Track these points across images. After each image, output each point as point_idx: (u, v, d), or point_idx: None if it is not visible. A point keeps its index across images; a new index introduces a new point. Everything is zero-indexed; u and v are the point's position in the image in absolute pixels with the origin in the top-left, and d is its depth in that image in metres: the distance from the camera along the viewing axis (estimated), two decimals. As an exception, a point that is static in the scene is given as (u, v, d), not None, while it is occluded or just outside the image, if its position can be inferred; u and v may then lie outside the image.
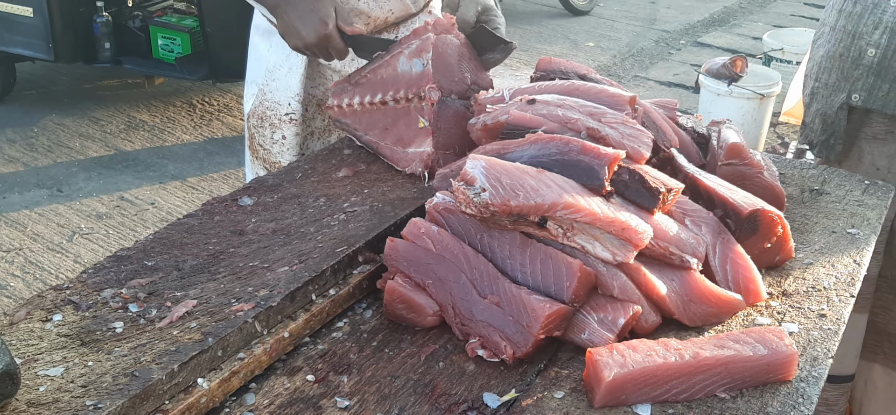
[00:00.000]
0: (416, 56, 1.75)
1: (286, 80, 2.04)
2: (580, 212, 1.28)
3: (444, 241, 1.36)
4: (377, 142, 1.83)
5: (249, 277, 1.36)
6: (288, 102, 2.04)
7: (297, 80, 2.02)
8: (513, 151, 1.40)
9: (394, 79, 1.78)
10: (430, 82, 1.71)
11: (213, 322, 1.23)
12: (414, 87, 1.73)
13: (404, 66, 1.76)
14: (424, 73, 1.72)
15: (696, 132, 1.73)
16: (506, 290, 1.30)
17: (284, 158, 2.07)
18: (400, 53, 1.79)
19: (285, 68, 2.03)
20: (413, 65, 1.75)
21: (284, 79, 2.04)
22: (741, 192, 1.48)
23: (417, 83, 1.73)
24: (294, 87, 2.03)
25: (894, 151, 2.15)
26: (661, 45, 7.11)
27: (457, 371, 1.26)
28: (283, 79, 2.04)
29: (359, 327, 1.36)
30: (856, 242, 1.60)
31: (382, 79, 1.79)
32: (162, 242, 1.48)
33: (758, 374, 1.21)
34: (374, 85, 1.80)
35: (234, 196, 1.62)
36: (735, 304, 1.37)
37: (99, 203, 4.55)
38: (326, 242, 1.45)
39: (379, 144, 1.83)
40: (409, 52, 1.77)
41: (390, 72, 1.79)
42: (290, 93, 2.04)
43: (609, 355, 1.19)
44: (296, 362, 1.27)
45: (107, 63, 5.42)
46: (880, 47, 2.06)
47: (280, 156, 2.08)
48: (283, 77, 2.04)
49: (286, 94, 2.04)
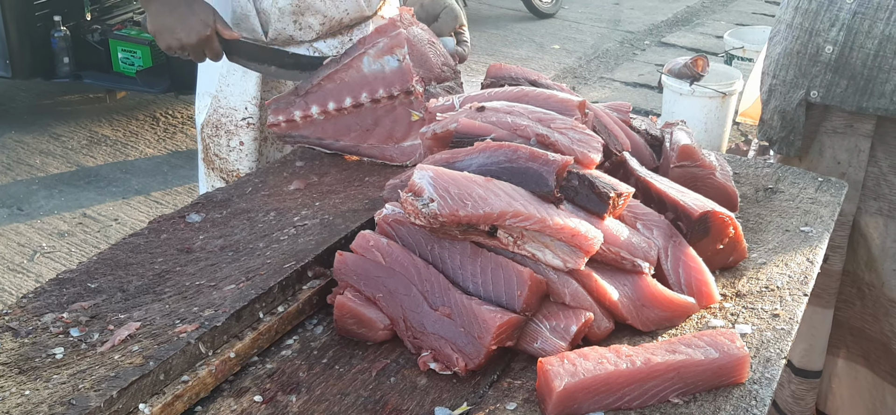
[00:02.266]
0: (388, 54, 1.78)
1: (242, 85, 2.01)
2: (529, 220, 1.27)
3: (393, 253, 1.34)
4: (356, 145, 1.83)
5: (195, 296, 1.33)
6: (244, 106, 2.02)
7: (253, 84, 2.01)
8: (462, 160, 1.38)
9: (363, 81, 1.79)
10: (412, 77, 1.76)
11: (156, 345, 1.20)
12: (396, 85, 1.77)
13: (373, 66, 1.79)
14: (403, 69, 1.77)
15: (650, 135, 1.73)
16: (457, 301, 1.28)
17: (243, 165, 2.04)
18: (362, 54, 1.79)
19: (240, 72, 2.01)
20: (385, 63, 1.78)
21: (240, 83, 2.01)
22: (692, 194, 1.47)
23: (397, 80, 1.77)
24: (250, 91, 2.01)
25: (854, 145, 2.16)
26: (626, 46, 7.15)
27: (408, 386, 1.24)
28: (238, 83, 2.02)
29: (309, 343, 1.33)
30: (809, 240, 1.60)
31: (347, 83, 1.79)
32: (106, 262, 1.44)
33: (710, 378, 1.21)
34: (338, 90, 1.79)
35: (182, 213, 1.59)
36: (688, 307, 1.36)
37: (61, 221, 4.47)
38: (275, 257, 1.42)
39: (359, 147, 1.83)
40: (375, 51, 1.78)
41: (356, 74, 1.79)
42: (246, 96, 2.01)
43: (560, 364, 1.17)
44: (243, 383, 1.24)
45: (66, 78, 5.33)
46: (837, 44, 2.07)
47: (238, 163, 2.05)
48: (238, 81, 2.02)
49: (242, 99, 2.02)
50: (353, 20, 2.04)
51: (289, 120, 1.81)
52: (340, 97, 1.79)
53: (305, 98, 1.81)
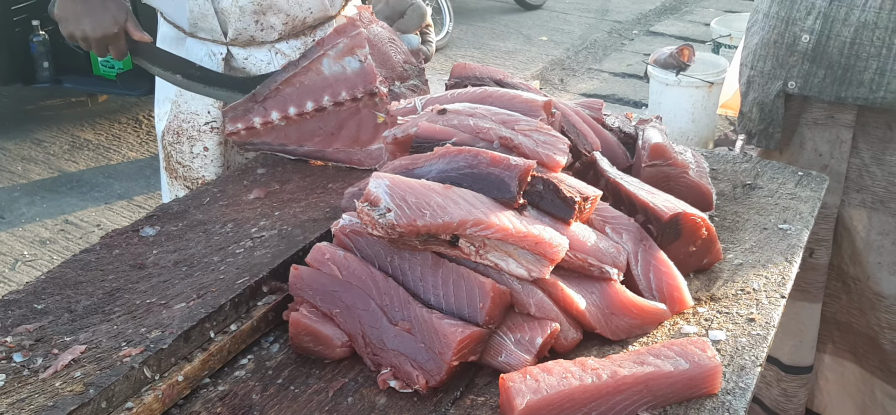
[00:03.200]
0: (348, 55, 1.72)
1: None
2: (491, 228, 1.21)
3: (350, 266, 1.28)
4: (321, 150, 1.77)
5: (145, 316, 1.27)
6: (206, 111, 1.95)
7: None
8: (421, 167, 1.32)
9: (324, 83, 1.73)
10: (375, 78, 1.71)
11: (99, 370, 1.14)
12: (359, 87, 1.72)
13: (334, 68, 1.73)
14: (365, 70, 1.71)
15: (623, 132, 1.67)
16: (417, 315, 1.23)
17: (208, 171, 1.98)
18: (321, 56, 1.74)
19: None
20: (346, 64, 1.73)
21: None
22: (663, 195, 1.42)
23: (360, 81, 1.71)
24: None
25: (836, 136, 2.11)
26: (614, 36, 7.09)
27: (367, 406, 1.19)
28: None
29: (264, 363, 1.27)
30: (787, 238, 1.55)
31: (308, 87, 1.73)
32: (55, 281, 1.38)
33: (681, 390, 1.15)
34: (299, 95, 1.73)
35: (136, 227, 1.53)
36: (659, 314, 1.31)
37: (42, 228, 4.41)
38: (230, 272, 1.36)
39: (324, 152, 1.77)
40: (335, 52, 1.73)
41: (315, 77, 1.73)
42: (208, 100, 1.95)
43: (522, 380, 1.12)
44: (193, 407, 1.19)
45: (46, 83, 5.27)
46: (814, 33, 2.01)
47: (203, 170, 1.98)
48: None
49: (204, 102, 1.95)
50: (316, 20, 1.98)
51: (248, 127, 1.75)
52: (301, 102, 1.73)
53: (264, 104, 1.74)
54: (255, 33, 1.89)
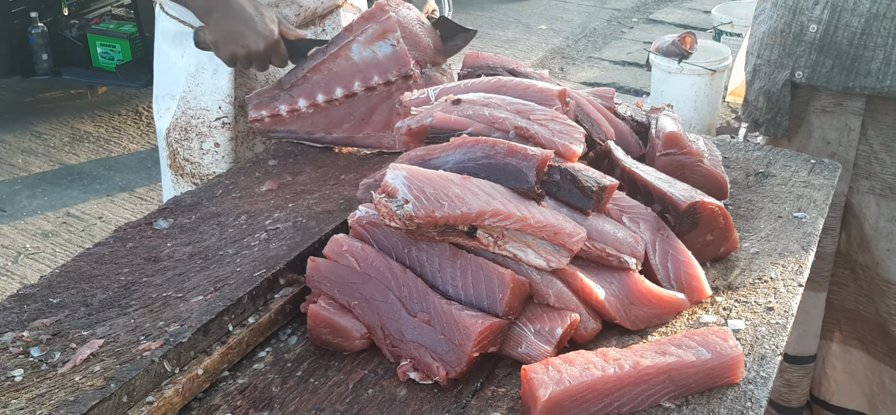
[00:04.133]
0: (379, 39, 1.72)
1: (213, 83, 1.92)
2: (509, 219, 1.20)
3: (368, 258, 1.27)
4: (350, 136, 1.77)
5: (162, 309, 1.27)
6: (217, 106, 1.93)
7: (226, 81, 1.91)
8: (438, 157, 1.32)
9: (354, 69, 1.72)
10: (408, 61, 1.70)
11: (119, 364, 1.14)
12: (392, 70, 1.71)
13: (364, 53, 1.72)
14: (398, 54, 1.71)
15: (636, 121, 1.66)
16: (436, 306, 1.22)
17: (220, 167, 1.96)
18: (351, 42, 1.72)
19: (210, 70, 1.92)
20: (377, 49, 1.72)
21: (210, 82, 1.92)
22: (680, 184, 1.41)
23: (393, 65, 1.71)
24: (223, 89, 1.92)
25: (844, 124, 2.10)
26: (614, 24, 7.07)
27: (387, 398, 1.18)
28: (208, 82, 1.92)
29: (282, 356, 1.27)
30: (803, 226, 1.54)
31: (336, 73, 1.72)
32: (69, 275, 1.38)
33: (703, 379, 1.15)
34: (327, 81, 1.72)
35: (149, 219, 1.52)
36: (678, 303, 1.30)
37: (44, 221, 4.39)
38: (246, 265, 1.36)
39: (354, 138, 1.77)
40: (365, 37, 1.72)
41: (345, 64, 1.73)
42: (219, 95, 1.93)
43: (544, 371, 1.11)
44: (213, 400, 1.18)
45: (45, 75, 5.24)
46: (822, 23, 2.00)
47: (214, 166, 1.96)
48: (208, 80, 1.92)
49: (215, 98, 1.93)
50: (325, 9, 1.97)
51: (273, 115, 1.74)
52: (330, 88, 1.71)
53: (290, 91, 1.73)
54: None
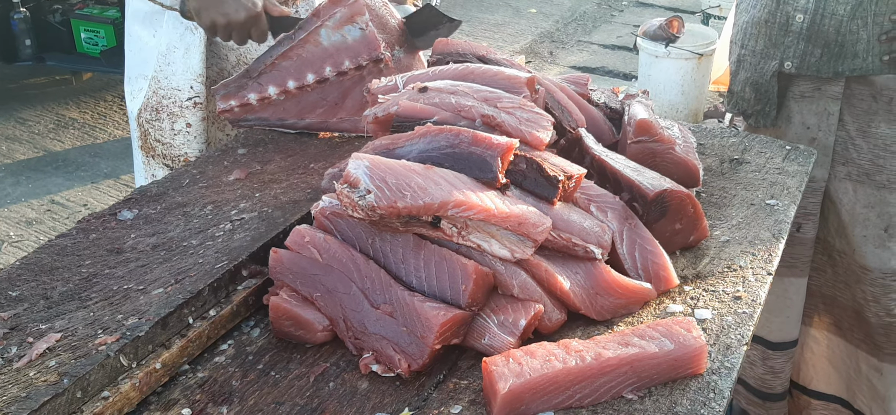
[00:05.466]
0: (348, 23, 1.71)
1: (185, 62, 1.90)
2: (473, 209, 1.19)
3: (331, 249, 1.26)
4: (324, 121, 1.76)
5: (122, 302, 1.25)
6: (189, 86, 1.91)
7: (197, 60, 1.89)
8: (402, 146, 1.30)
9: (324, 54, 1.71)
10: (378, 45, 1.70)
11: (74, 359, 1.12)
12: (362, 54, 1.71)
13: (333, 38, 1.71)
14: (367, 38, 1.70)
15: (610, 108, 1.65)
16: (399, 298, 1.21)
17: (191, 148, 1.94)
18: (319, 27, 1.71)
19: (181, 49, 1.89)
20: (346, 33, 1.71)
21: (182, 61, 1.90)
22: (649, 172, 1.40)
23: (363, 49, 1.71)
24: (195, 68, 1.90)
25: (823, 109, 2.09)
26: (604, 8, 7.03)
27: (348, 391, 1.17)
28: (180, 61, 1.90)
29: (245, 348, 1.25)
30: (775, 213, 1.53)
31: (306, 59, 1.71)
32: (30, 267, 1.36)
33: (665, 370, 1.14)
34: (298, 68, 1.71)
35: (113, 210, 1.50)
36: (644, 293, 1.29)
37: (28, 208, 4.36)
38: (209, 256, 1.34)
39: (328, 123, 1.77)
40: (334, 22, 1.71)
41: (314, 49, 1.71)
42: (190, 75, 1.90)
43: (505, 363, 1.10)
44: (172, 395, 1.17)
45: (28, 61, 5.19)
46: (808, 12, 1.98)
47: (186, 147, 1.94)
48: (180, 59, 1.90)
49: (186, 77, 1.90)
50: None
51: (243, 104, 1.72)
52: (301, 74, 1.70)
53: (259, 79, 1.71)
54: None
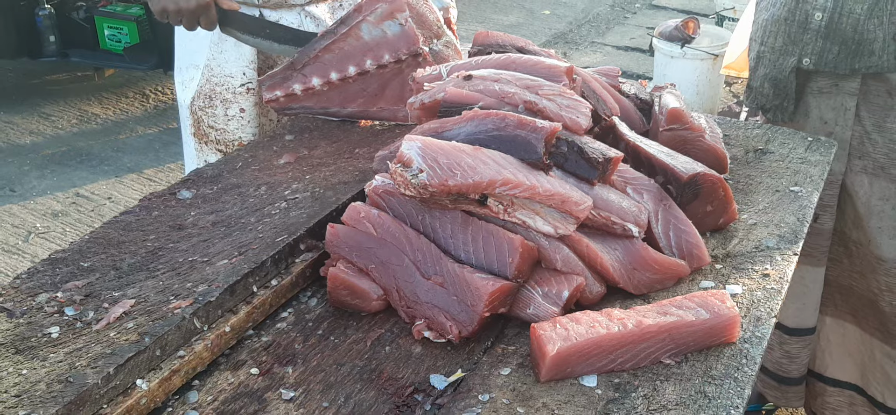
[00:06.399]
0: (388, 19, 1.79)
1: (237, 50, 2.00)
2: (519, 187, 1.27)
3: (385, 224, 1.34)
4: (365, 110, 1.85)
5: (189, 272, 1.34)
6: (242, 72, 2.01)
7: (249, 48, 1.99)
8: (450, 130, 1.38)
9: (365, 48, 1.80)
10: (417, 40, 1.78)
11: (151, 321, 1.21)
12: (402, 49, 1.78)
13: (374, 33, 1.79)
14: (406, 33, 1.78)
15: (639, 99, 1.73)
16: (449, 270, 1.29)
17: (245, 132, 2.03)
18: (360, 22, 1.80)
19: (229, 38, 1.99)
20: (386, 28, 1.79)
21: (234, 48, 2.00)
22: (682, 157, 1.48)
23: (402, 44, 1.78)
24: (247, 54, 2.00)
25: (840, 104, 2.17)
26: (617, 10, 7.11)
27: (403, 355, 1.25)
28: (232, 49, 2.00)
29: (304, 316, 1.34)
30: (799, 199, 1.61)
31: (348, 52, 1.80)
32: (98, 241, 1.44)
33: (701, 338, 1.22)
34: (339, 60, 1.80)
35: (173, 190, 1.59)
36: (679, 269, 1.37)
37: (54, 201, 4.45)
38: (267, 231, 1.42)
39: (369, 112, 1.86)
40: (375, 17, 1.79)
41: (355, 43, 1.80)
42: (243, 61, 2.00)
43: (552, 328, 1.18)
44: (239, 356, 1.25)
45: (53, 57, 5.28)
46: (826, 11, 2.06)
47: (239, 131, 2.04)
48: (232, 47, 2.00)
49: (239, 64, 2.00)
50: None
51: (288, 94, 1.81)
52: (343, 66, 1.79)
53: (303, 71, 1.80)
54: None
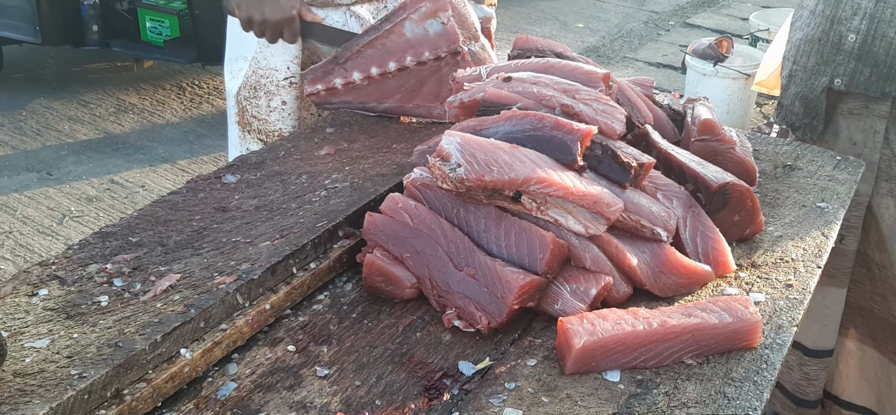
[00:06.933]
0: (431, 17, 1.85)
1: (283, 45, 2.06)
2: (553, 186, 1.32)
3: (421, 215, 1.39)
4: (402, 106, 1.91)
5: (232, 251, 1.39)
6: (286, 66, 2.08)
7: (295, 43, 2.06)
8: (488, 128, 1.43)
9: (406, 45, 1.85)
10: (457, 38, 1.84)
11: (196, 295, 1.27)
12: (442, 47, 1.84)
13: (416, 30, 1.85)
14: (448, 31, 1.84)
15: (672, 110, 1.77)
16: (481, 262, 1.34)
17: (285, 124, 2.10)
18: (404, 20, 1.86)
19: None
20: (428, 26, 1.85)
21: (280, 43, 2.06)
22: (712, 167, 1.51)
23: (443, 42, 1.84)
24: (292, 50, 2.07)
25: (870, 126, 2.19)
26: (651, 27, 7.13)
27: (433, 341, 1.30)
28: (278, 44, 2.07)
29: (339, 299, 1.39)
30: (825, 215, 1.64)
31: (390, 48, 1.86)
32: (146, 218, 1.51)
33: (723, 341, 1.26)
34: (380, 56, 1.86)
35: (218, 174, 1.65)
36: (704, 275, 1.41)
37: (89, 186, 4.56)
38: (308, 217, 1.48)
39: (405, 108, 1.91)
40: (418, 15, 1.85)
41: (398, 39, 1.86)
42: (288, 56, 2.07)
43: (579, 323, 1.22)
44: (277, 333, 1.31)
45: (95, 46, 5.41)
46: (860, 33, 2.09)
47: (280, 123, 2.11)
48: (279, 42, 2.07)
49: (284, 58, 2.07)
50: None
51: (329, 88, 1.87)
52: (383, 62, 1.85)
53: (345, 66, 1.86)
54: None
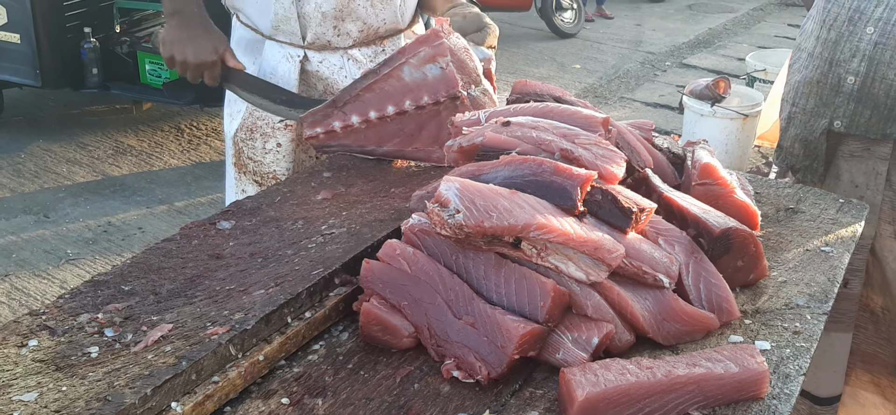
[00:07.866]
0: (430, 62, 1.83)
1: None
2: (553, 232, 1.29)
3: (419, 262, 1.37)
4: (400, 149, 1.89)
5: (226, 300, 1.37)
6: None
7: (292, 87, 2.06)
8: (487, 173, 1.41)
9: (405, 89, 1.84)
10: (458, 83, 1.82)
11: (188, 346, 1.24)
12: (441, 91, 1.82)
13: (415, 75, 1.84)
14: (447, 76, 1.82)
15: (672, 153, 1.75)
16: (480, 310, 1.31)
17: (280, 166, 2.09)
18: (403, 64, 1.84)
19: (278, 76, 2.06)
20: (427, 71, 1.83)
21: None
22: (714, 211, 1.49)
23: (442, 87, 1.82)
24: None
25: (872, 168, 2.17)
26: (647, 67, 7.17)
27: (432, 393, 1.27)
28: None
29: (335, 349, 1.36)
30: (829, 259, 1.61)
31: (388, 92, 1.84)
32: (139, 266, 1.48)
33: (730, 391, 1.22)
34: (379, 100, 1.84)
35: (213, 220, 1.63)
36: (708, 322, 1.38)
37: (86, 228, 4.54)
38: (303, 264, 1.45)
39: (404, 151, 1.89)
40: (417, 60, 1.84)
41: (396, 83, 1.85)
42: None
43: (582, 373, 1.19)
44: (271, 385, 1.27)
45: (94, 89, 5.44)
46: (859, 75, 2.08)
47: (274, 165, 2.09)
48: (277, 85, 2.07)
49: None
50: (387, 31, 2.10)
51: (328, 131, 1.86)
52: (382, 106, 1.83)
53: (343, 109, 1.85)
54: (332, 39, 2.01)
